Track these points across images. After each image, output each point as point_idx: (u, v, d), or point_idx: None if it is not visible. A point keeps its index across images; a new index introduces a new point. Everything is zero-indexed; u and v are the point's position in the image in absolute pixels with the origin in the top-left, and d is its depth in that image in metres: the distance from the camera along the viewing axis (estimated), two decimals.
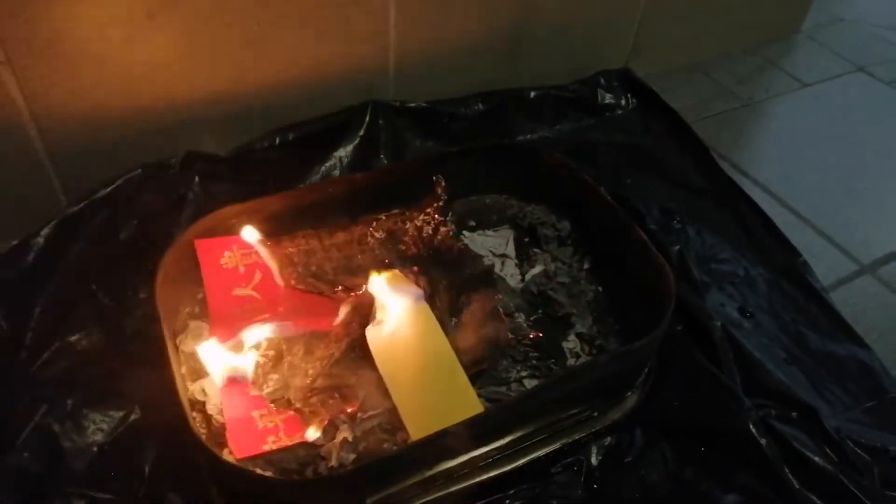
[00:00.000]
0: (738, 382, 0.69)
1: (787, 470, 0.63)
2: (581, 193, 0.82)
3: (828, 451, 0.65)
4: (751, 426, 0.64)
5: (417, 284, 0.70)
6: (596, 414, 0.66)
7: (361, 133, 0.92)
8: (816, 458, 0.63)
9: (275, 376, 0.65)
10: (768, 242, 0.87)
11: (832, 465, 0.64)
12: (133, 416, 0.64)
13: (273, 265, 0.72)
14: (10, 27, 0.68)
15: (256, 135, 0.89)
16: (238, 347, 0.66)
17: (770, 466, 0.62)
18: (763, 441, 0.63)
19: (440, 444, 0.57)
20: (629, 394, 0.68)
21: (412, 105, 0.97)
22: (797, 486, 0.62)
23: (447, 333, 0.67)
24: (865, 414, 0.70)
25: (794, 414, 0.67)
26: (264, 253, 0.71)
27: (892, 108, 1.17)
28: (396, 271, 0.68)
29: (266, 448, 0.59)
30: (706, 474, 0.63)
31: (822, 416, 0.67)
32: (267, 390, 0.64)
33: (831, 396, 0.71)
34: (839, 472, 0.63)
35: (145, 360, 0.67)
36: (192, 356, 0.67)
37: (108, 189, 0.77)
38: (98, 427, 0.63)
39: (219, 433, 0.62)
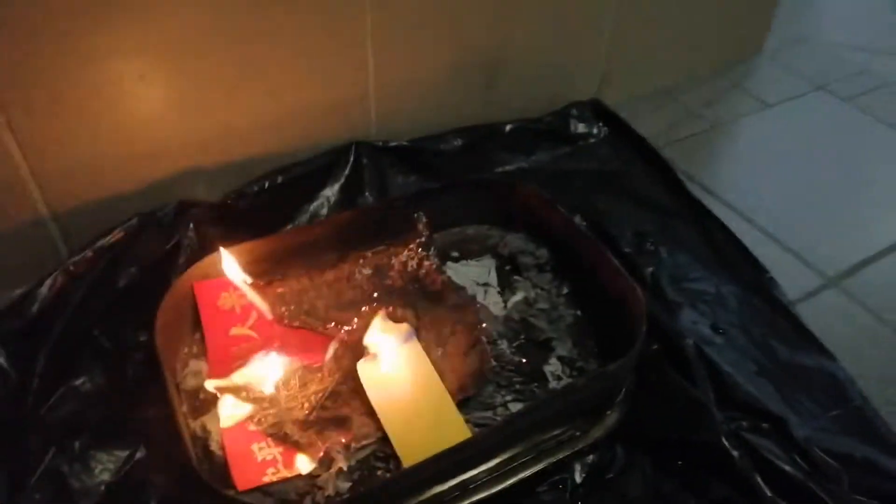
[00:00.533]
0: (710, 397, 0.73)
1: (759, 479, 0.66)
2: (556, 222, 0.86)
3: (797, 459, 0.69)
4: (723, 439, 0.67)
5: (406, 321, 0.74)
6: (578, 433, 0.70)
7: (346, 173, 0.97)
8: (787, 467, 0.67)
9: (272, 410, 0.69)
10: (737, 260, 0.91)
11: (802, 472, 0.67)
12: (138, 455, 0.67)
13: (261, 304, 0.76)
14: (10, 91, 0.72)
15: (246, 180, 0.93)
16: (237, 385, 0.69)
17: (743, 477, 0.66)
18: (735, 453, 0.67)
19: (431, 469, 0.60)
20: (609, 412, 0.72)
21: (394, 144, 1.01)
22: (769, 495, 0.66)
23: (434, 363, 0.71)
24: (833, 422, 0.73)
25: (764, 425, 0.71)
26: (251, 293, 0.75)
27: (850, 125, 1.22)
28: (384, 313, 0.72)
29: (266, 479, 0.63)
30: (684, 487, 0.67)
31: (790, 426, 0.71)
32: (265, 424, 0.68)
33: (800, 406, 0.75)
34: (809, 480, 0.66)
35: (148, 400, 0.70)
36: (193, 395, 0.71)
37: (107, 239, 0.81)
38: (105, 467, 0.66)
39: (221, 468, 0.65)
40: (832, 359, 0.79)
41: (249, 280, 0.75)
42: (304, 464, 0.65)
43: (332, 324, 0.77)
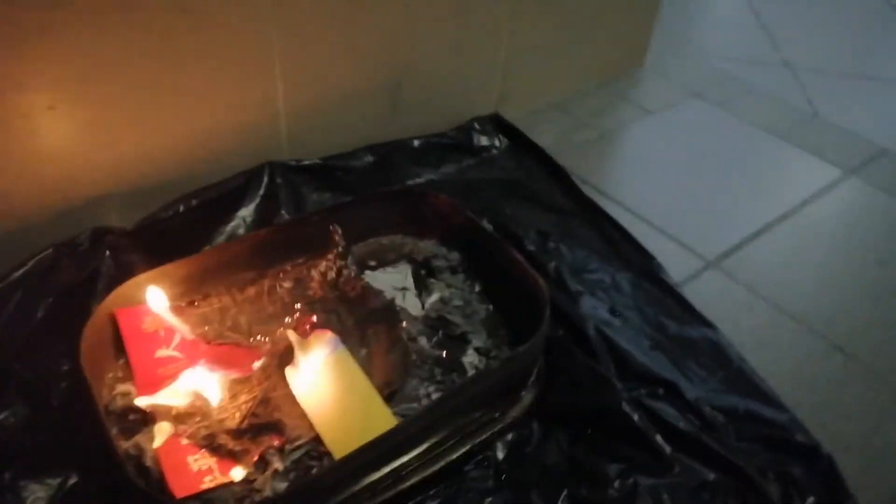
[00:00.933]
0: (612, 371, 0.81)
1: (658, 437, 0.74)
2: (465, 227, 0.93)
3: (690, 417, 0.78)
4: (623, 404, 0.75)
5: (329, 327, 0.78)
6: (497, 414, 0.76)
7: (261, 192, 1.00)
8: (681, 424, 0.76)
9: (204, 423, 0.71)
10: (628, 251, 1.01)
11: (695, 428, 0.76)
12: (71, 481, 0.68)
13: (181, 326, 0.77)
14: None
15: (160, 205, 0.94)
16: (168, 400, 0.71)
17: (645, 437, 0.74)
18: (635, 416, 0.75)
19: (362, 458, 0.64)
20: (524, 393, 0.78)
21: (307, 162, 1.06)
22: (668, 450, 0.74)
23: (359, 363, 0.76)
24: (718, 382, 0.83)
25: (660, 391, 0.80)
26: (169, 317, 0.77)
27: (721, 126, 1.37)
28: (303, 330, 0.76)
29: (204, 486, 0.65)
30: (594, 451, 0.74)
31: (683, 390, 0.80)
32: (198, 437, 0.70)
33: (691, 372, 0.84)
34: (701, 434, 0.75)
35: (76, 426, 0.70)
36: (122, 417, 0.72)
37: (21, 271, 0.81)
38: (38, 496, 0.66)
39: (157, 483, 0.66)
40: (714, 329, 0.89)
41: (168, 303, 0.77)
42: (239, 470, 0.68)
43: (258, 337, 0.80)
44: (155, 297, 0.75)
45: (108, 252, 0.87)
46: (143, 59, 0.84)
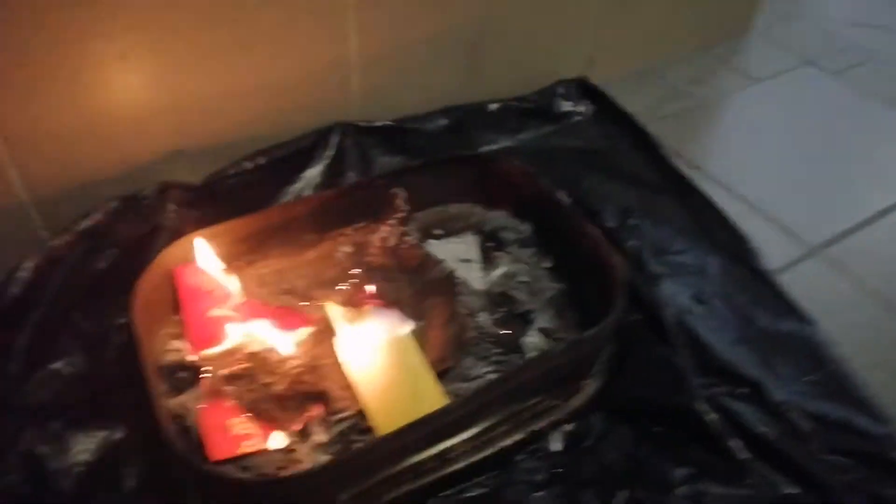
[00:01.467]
0: (690, 364, 0.73)
1: (735, 441, 0.66)
2: (539, 197, 0.86)
3: (773, 422, 0.69)
4: (700, 403, 0.68)
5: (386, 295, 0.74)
6: (557, 403, 0.70)
7: (329, 153, 0.97)
8: (762, 430, 0.67)
9: (251, 386, 0.69)
10: (720, 232, 0.91)
11: (777, 434, 0.68)
12: (116, 436, 0.68)
13: (228, 285, 0.75)
14: None
15: (228, 162, 0.93)
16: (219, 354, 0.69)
17: (719, 439, 0.66)
18: (712, 416, 0.67)
19: (406, 437, 0.60)
20: (588, 381, 0.72)
21: (377, 124, 1.01)
22: (744, 457, 0.66)
23: (414, 335, 0.72)
24: (810, 386, 0.73)
25: (742, 390, 0.71)
26: (218, 274, 0.75)
27: (836, 98, 1.22)
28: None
29: (241, 451, 0.63)
30: (660, 451, 0.67)
31: (767, 390, 0.71)
32: (244, 401, 0.68)
33: (778, 371, 0.75)
34: (781, 441, 0.67)
35: (126, 381, 0.70)
36: (172, 374, 0.71)
37: (87, 221, 0.81)
38: (84, 447, 0.66)
39: (198, 445, 0.65)
40: (811, 324, 0.79)
41: (220, 262, 0.75)
42: (281, 437, 0.65)
43: (314, 301, 0.78)
44: (204, 255, 0.73)
45: (172, 206, 0.86)
46: (214, 8, 0.82)
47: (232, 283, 0.75)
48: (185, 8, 0.80)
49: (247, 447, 0.63)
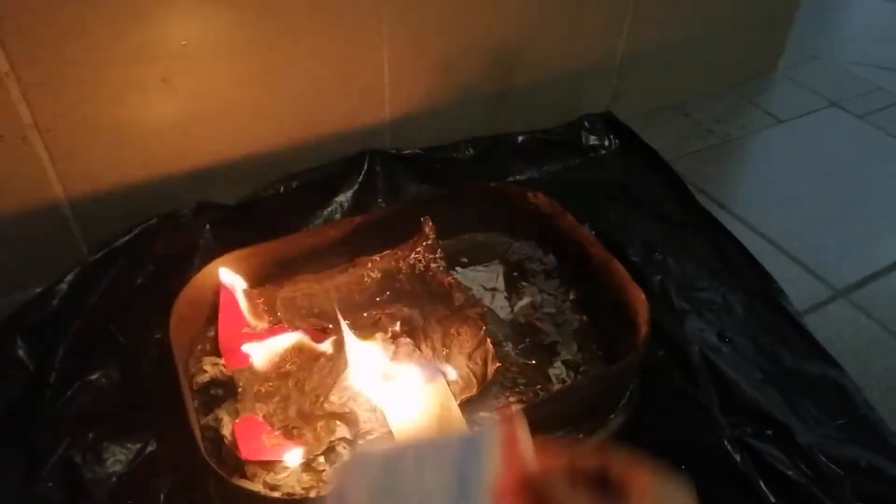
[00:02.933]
0: (715, 402, 0.73)
1: (762, 484, 0.66)
2: (564, 229, 0.87)
3: (801, 465, 0.69)
4: (726, 443, 0.68)
5: (412, 321, 0.75)
6: (581, 436, 0.70)
7: (360, 179, 0.99)
8: (790, 472, 0.67)
9: (282, 404, 0.70)
10: (745, 270, 0.92)
11: (805, 478, 0.67)
12: (150, 448, 0.69)
13: (246, 309, 0.76)
14: (37, 93, 0.76)
15: (262, 184, 0.95)
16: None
17: (746, 481, 0.66)
18: (738, 457, 0.67)
19: None
20: (613, 416, 0.72)
21: (407, 152, 1.04)
22: (772, 500, 0.66)
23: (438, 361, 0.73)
24: (838, 430, 0.73)
25: (768, 431, 0.71)
26: (240, 298, 0.76)
27: (863, 140, 1.22)
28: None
29: (271, 457, 0.64)
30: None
31: (795, 433, 0.71)
32: (276, 418, 0.69)
33: (805, 414, 0.75)
34: (812, 486, 0.67)
35: (161, 395, 0.72)
36: (205, 390, 0.73)
37: (126, 238, 0.84)
38: (117, 458, 0.68)
39: (230, 461, 0.66)
40: (839, 368, 0.79)
41: (244, 286, 0.77)
42: (299, 454, 0.66)
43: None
44: (228, 278, 0.75)
45: (208, 226, 0.88)
46: (257, 39, 0.85)
47: (246, 309, 0.76)
48: (225, 35, 0.83)
49: (276, 454, 0.65)
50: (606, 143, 1.15)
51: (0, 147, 0.76)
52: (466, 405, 0.71)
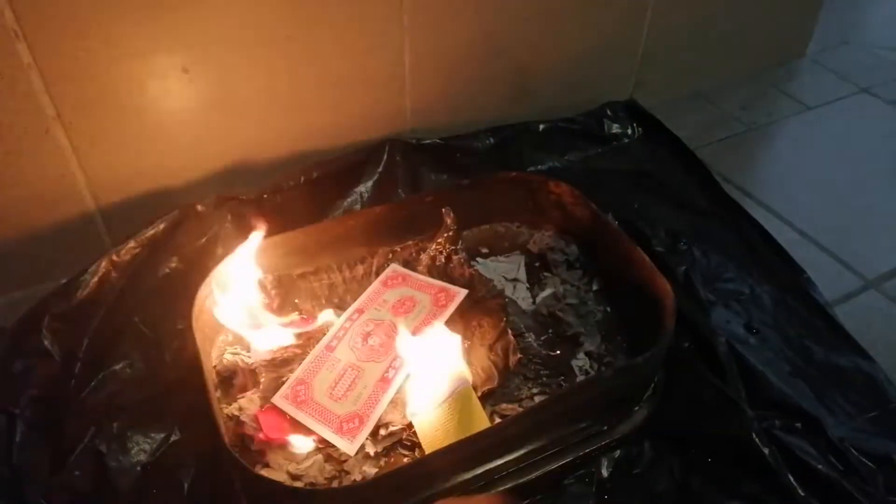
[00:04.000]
0: (742, 395, 0.72)
1: (791, 478, 0.65)
2: (588, 219, 0.86)
3: (831, 459, 0.67)
4: (754, 436, 0.66)
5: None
6: (605, 428, 0.69)
7: (380, 170, 0.98)
8: (820, 466, 0.66)
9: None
10: (773, 260, 0.90)
11: (836, 472, 0.66)
12: (173, 437, 0.70)
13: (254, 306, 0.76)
14: (60, 85, 0.76)
15: (282, 175, 0.95)
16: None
17: (774, 474, 0.65)
18: (766, 450, 0.66)
19: (452, 456, 0.61)
20: (637, 408, 0.71)
21: (427, 142, 1.03)
22: (801, 493, 0.64)
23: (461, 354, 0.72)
24: (869, 423, 0.71)
25: (797, 424, 0.70)
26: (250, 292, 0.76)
27: (894, 126, 1.19)
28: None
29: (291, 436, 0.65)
30: (712, 483, 0.66)
31: (825, 426, 0.69)
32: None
33: (836, 407, 0.73)
34: (843, 480, 0.65)
35: (184, 385, 0.72)
36: (227, 380, 0.73)
37: (149, 230, 0.84)
38: (141, 448, 0.69)
39: (252, 450, 0.67)
40: (870, 360, 0.77)
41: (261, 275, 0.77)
42: (309, 442, 0.66)
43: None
44: (239, 273, 0.74)
45: (229, 217, 0.88)
46: (277, 29, 0.84)
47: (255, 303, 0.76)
48: (245, 25, 0.82)
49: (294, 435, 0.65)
50: (629, 131, 1.13)
51: (24, 140, 0.77)
52: (488, 397, 0.70)
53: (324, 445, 0.67)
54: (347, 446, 0.65)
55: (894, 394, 0.74)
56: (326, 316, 0.76)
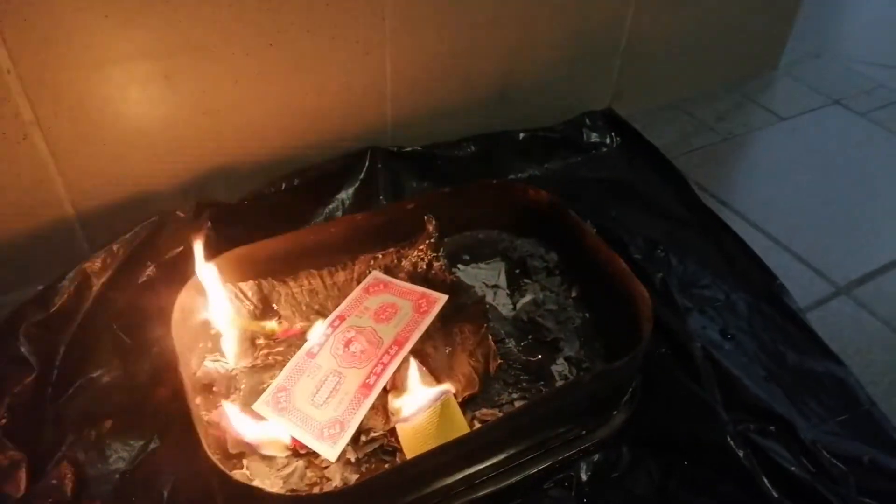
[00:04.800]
0: (718, 399, 0.73)
1: (765, 480, 0.66)
2: (567, 227, 0.87)
3: (804, 461, 0.69)
4: (729, 439, 0.68)
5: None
6: (584, 432, 0.70)
7: (361, 177, 0.99)
8: (793, 469, 0.67)
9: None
10: (747, 268, 0.92)
11: (809, 474, 0.67)
12: (153, 445, 0.69)
13: (228, 307, 0.76)
14: (38, 90, 0.76)
15: (263, 182, 0.95)
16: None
17: (749, 477, 0.66)
18: (741, 453, 0.67)
19: (433, 461, 0.61)
20: (616, 412, 0.72)
21: (408, 149, 1.04)
22: (775, 495, 0.66)
23: (441, 360, 0.73)
24: (840, 426, 0.73)
25: (771, 427, 0.71)
26: (222, 295, 0.75)
27: (865, 137, 1.22)
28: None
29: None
30: (689, 486, 0.67)
31: (798, 429, 0.71)
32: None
33: (808, 410, 0.75)
34: (816, 482, 0.67)
35: (163, 392, 0.72)
36: (207, 387, 0.73)
37: (127, 236, 0.83)
38: (120, 456, 0.68)
39: (231, 457, 0.66)
40: (841, 364, 0.79)
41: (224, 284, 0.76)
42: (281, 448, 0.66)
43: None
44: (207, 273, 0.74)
45: (209, 224, 0.88)
46: (257, 35, 0.85)
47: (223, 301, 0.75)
48: (227, 32, 0.83)
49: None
50: (608, 140, 1.15)
51: (1, 145, 0.76)
52: (469, 403, 0.71)
53: (305, 452, 0.67)
54: (329, 451, 0.66)
55: (865, 397, 0.76)
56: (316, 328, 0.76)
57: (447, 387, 0.68)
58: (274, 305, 0.80)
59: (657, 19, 1.15)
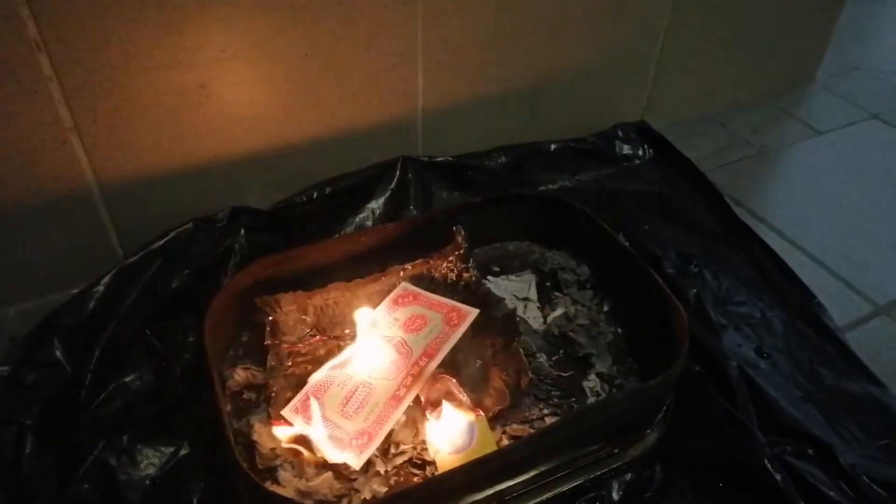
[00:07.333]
0: (754, 420, 0.72)
1: None
2: (599, 239, 0.86)
3: (843, 486, 0.67)
4: (766, 461, 0.66)
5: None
6: (616, 451, 0.69)
7: (392, 186, 0.99)
8: (831, 493, 0.65)
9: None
10: (784, 285, 0.90)
11: (847, 500, 0.65)
12: (183, 452, 0.69)
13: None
14: (78, 97, 0.77)
15: (296, 190, 0.95)
16: None
17: (786, 501, 0.64)
18: (778, 476, 0.65)
19: (462, 477, 0.60)
20: (649, 431, 0.71)
21: (439, 159, 1.03)
22: None
23: (471, 374, 0.72)
24: (880, 451, 0.71)
25: (809, 450, 0.70)
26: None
27: None
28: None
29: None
30: None
31: (836, 452, 0.69)
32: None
33: (846, 433, 0.73)
34: None
35: (194, 399, 0.72)
36: (238, 395, 0.73)
37: (162, 241, 0.84)
38: (150, 461, 0.68)
39: (261, 465, 0.66)
40: (881, 386, 0.77)
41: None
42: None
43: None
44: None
45: (242, 231, 0.89)
46: (292, 47, 0.85)
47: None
48: (263, 42, 0.83)
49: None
50: (640, 152, 1.14)
51: (41, 150, 0.78)
52: (499, 417, 0.70)
53: (332, 462, 0.66)
54: (353, 460, 0.65)
55: None
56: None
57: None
58: (305, 317, 0.80)
59: (692, 31, 1.14)
